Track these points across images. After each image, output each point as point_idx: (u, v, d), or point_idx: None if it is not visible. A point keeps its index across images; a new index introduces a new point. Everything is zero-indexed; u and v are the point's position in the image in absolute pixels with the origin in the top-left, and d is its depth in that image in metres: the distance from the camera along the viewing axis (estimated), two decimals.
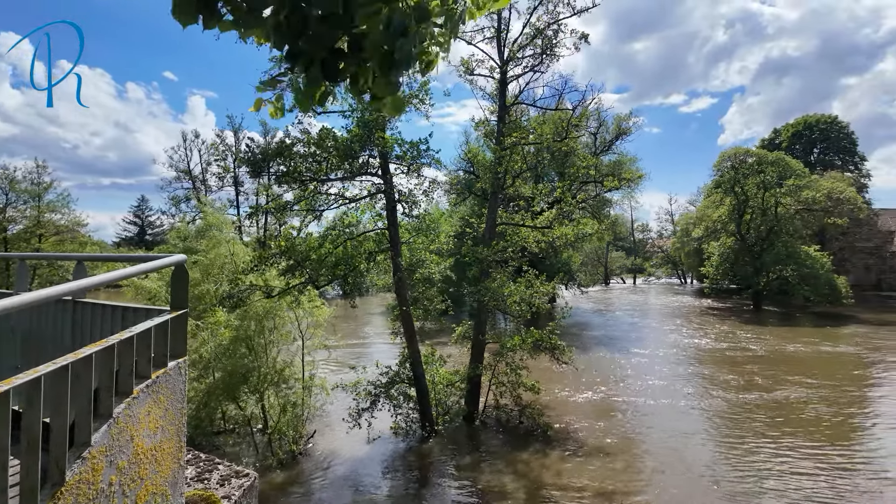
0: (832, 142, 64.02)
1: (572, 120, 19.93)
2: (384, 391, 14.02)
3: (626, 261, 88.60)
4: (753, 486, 10.69)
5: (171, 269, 3.64)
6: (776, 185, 42.30)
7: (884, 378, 19.20)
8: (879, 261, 55.68)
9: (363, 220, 14.28)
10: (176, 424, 3.38)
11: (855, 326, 31.98)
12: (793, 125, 67.01)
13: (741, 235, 44.54)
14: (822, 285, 38.49)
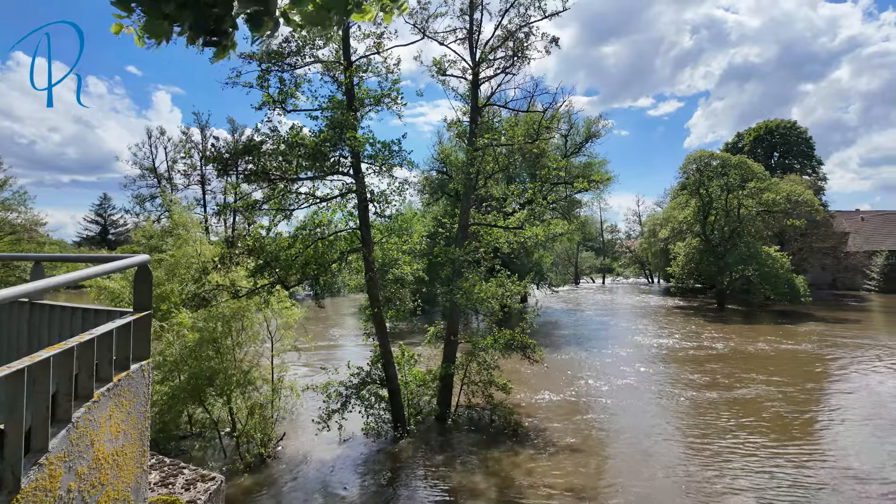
0: (791, 146, 66.62)
1: (543, 122, 20.20)
2: (355, 392, 13.93)
3: (596, 261, 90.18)
4: (718, 483, 10.98)
5: (134, 269, 3.55)
6: (739, 187, 43.75)
7: (840, 375, 20.04)
8: (835, 261, 58.18)
9: (335, 219, 14.14)
10: (139, 428, 3.30)
11: (812, 324, 33.32)
12: (754, 129, 69.49)
13: (706, 236, 45.89)
14: (781, 284, 40.01)
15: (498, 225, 16.96)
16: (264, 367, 14.16)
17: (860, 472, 11.24)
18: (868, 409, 15.57)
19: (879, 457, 11.99)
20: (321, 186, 13.76)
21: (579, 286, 79.47)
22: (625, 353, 25.08)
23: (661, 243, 55.72)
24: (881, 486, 10.67)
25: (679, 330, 32.18)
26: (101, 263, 3.36)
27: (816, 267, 57.40)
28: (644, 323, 36.39)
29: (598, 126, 40.98)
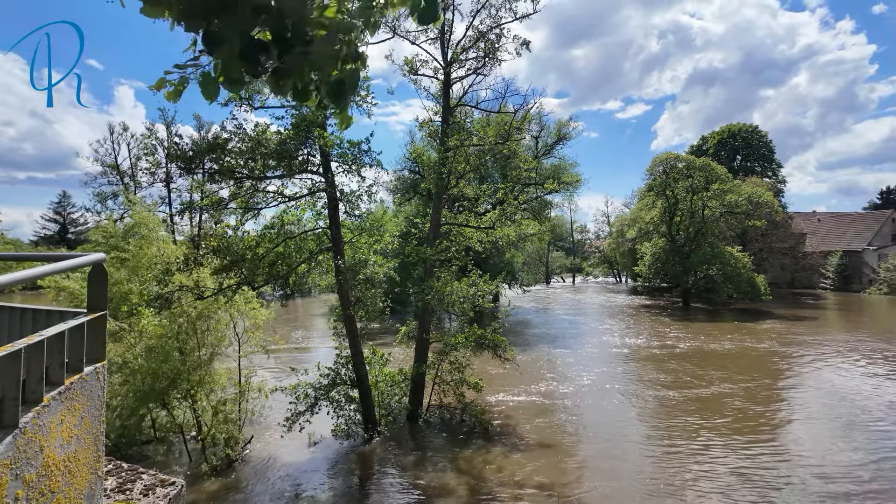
0: (753, 149, 68.96)
1: (514, 123, 20.37)
2: (325, 394, 13.77)
3: (566, 260, 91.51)
4: (683, 481, 11.22)
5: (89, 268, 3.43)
6: (703, 189, 45.07)
7: (799, 372, 20.80)
8: (793, 261, 60.55)
9: (304, 218, 13.94)
10: (93, 433, 3.18)
11: (772, 322, 34.55)
12: (718, 133, 71.67)
13: (671, 236, 47.10)
14: (743, 283, 41.42)
15: (470, 225, 17.02)
16: (231, 369, 13.87)
17: (824, 469, 11.51)
18: (828, 405, 16.09)
19: (843, 454, 12.31)
20: (290, 185, 13.55)
21: (550, 285, 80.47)
22: (593, 352, 25.52)
23: (628, 243, 56.94)
24: (846, 483, 10.97)
25: (645, 329, 32.91)
26: (53, 262, 3.23)
27: (776, 266, 59.64)
28: (612, 322, 37.08)
29: (568, 128, 41.69)
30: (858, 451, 12.47)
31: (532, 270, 62.39)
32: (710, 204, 44.95)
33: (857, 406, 15.86)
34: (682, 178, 46.05)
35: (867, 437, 13.33)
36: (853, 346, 25.28)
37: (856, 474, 11.26)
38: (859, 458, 12.10)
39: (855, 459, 12.02)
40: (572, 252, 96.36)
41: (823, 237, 62.34)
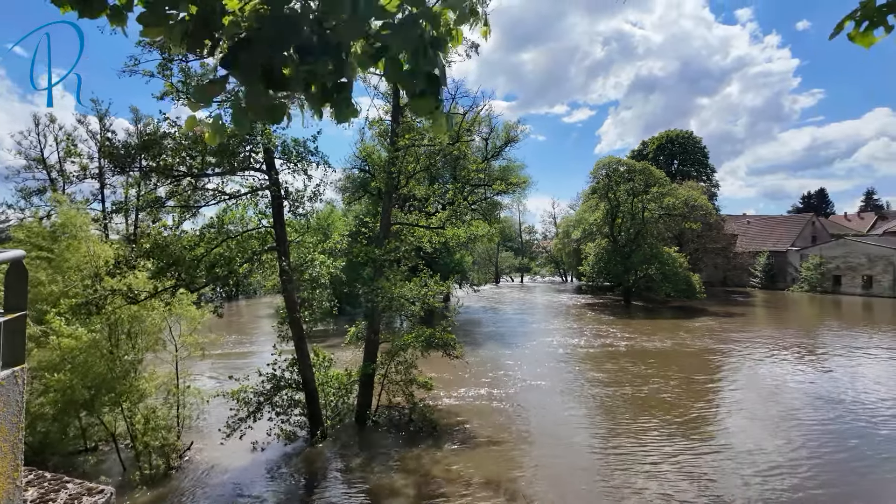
0: (689, 154, 72.74)
1: (463, 124, 20.57)
2: (269, 398, 13.41)
3: (515, 260, 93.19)
4: (625, 475, 11.54)
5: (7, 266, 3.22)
6: (643, 192, 47.11)
7: (733, 368, 21.99)
8: (725, 260, 64.37)
9: (246, 217, 13.50)
10: (10, 441, 2.99)
11: (707, 319, 36.52)
12: (657, 138, 75.09)
13: (613, 237, 48.94)
14: (680, 282, 43.62)
15: (420, 224, 17.05)
16: (167, 374, 13.26)
17: (762, 464, 11.88)
18: (761, 400, 16.86)
19: (776, 446, 12.88)
20: (231, 183, 13.11)
21: (499, 285, 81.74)
22: (540, 351, 26.14)
23: (573, 244, 58.74)
24: (782, 474, 11.53)
25: (589, 327, 34.00)
26: None
27: (710, 266, 63.17)
28: (558, 321, 38.11)
29: (516, 131, 42.46)
30: (790, 443, 13.08)
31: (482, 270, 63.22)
32: (649, 206, 47.08)
33: (785, 400, 16.73)
34: (624, 182, 47.96)
35: (798, 430, 13.96)
36: (780, 341, 27.10)
37: (789, 466, 11.76)
38: (791, 449, 12.67)
39: (787, 451, 12.57)
40: (521, 252, 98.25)
41: (752, 238, 66.56)
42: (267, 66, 1.96)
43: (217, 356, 23.14)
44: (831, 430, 13.98)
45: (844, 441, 13.18)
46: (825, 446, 12.89)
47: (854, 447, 12.78)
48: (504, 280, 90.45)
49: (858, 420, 14.68)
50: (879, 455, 12.28)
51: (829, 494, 10.48)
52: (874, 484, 10.98)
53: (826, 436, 13.58)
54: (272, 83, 2.01)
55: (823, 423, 14.47)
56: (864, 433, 13.69)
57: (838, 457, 12.26)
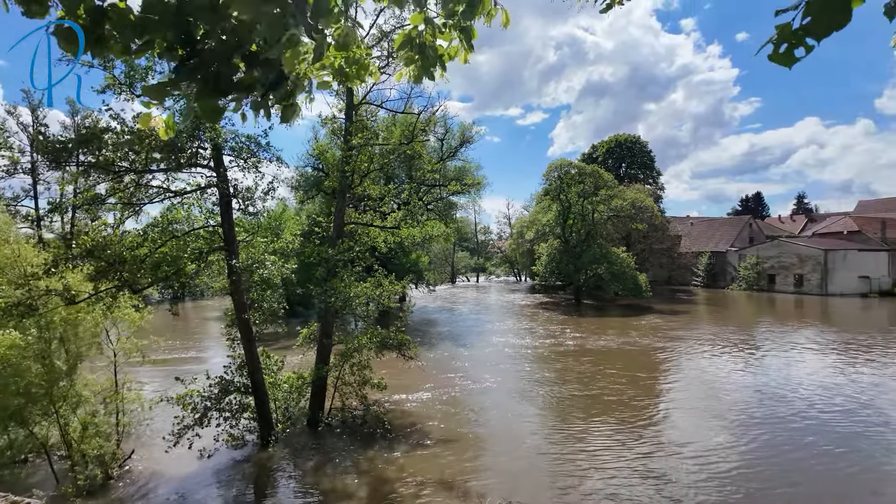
0: (636, 158, 75.53)
1: (418, 124, 20.58)
2: (217, 403, 12.98)
3: (471, 260, 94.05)
4: (578, 474, 11.75)
5: None
6: (593, 194, 48.58)
7: (676, 365, 22.92)
8: (670, 260, 67.35)
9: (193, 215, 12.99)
10: None
11: (653, 316, 38.01)
12: (607, 142, 77.54)
13: (565, 238, 50.22)
14: (628, 281, 45.26)
15: (375, 224, 16.93)
16: (107, 380, 12.62)
17: (703, 455, 12.25)
18: (707, 397, 17.43)
19: (718, 441, 13.33)
20: (177, 180, 12.58)
21: (456, 285, 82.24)
22: (494, 350, 26.50)
23: (527, 244, 59.81)
24: (723, 468, 12.08)
25: (542, 326, 34.75)
26: None
27: (656, 265, 65.91)
28: (511, 320, 38.75)
29: (472, 132, 42.84)
30: (731, 437, 13.55)
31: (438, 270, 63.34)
32: (598, 208, 48.61)
33: (731, 396, 17.39)
34: (575, 184, 49.28)
35: (745, 426, 14.41)
36: (722, 338, 28.49)
37: (731, 459, 12.13)
38: (732, 443, 13.10)
39: (729, 446, 12.97)
40: (476, 252, 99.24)
41: (695, 239, 69.81)
42: (215, 72, 2.13)
43: (161, 361, 22.21)
44: (778, 425, 14.48)
45: (790, 434, 13.77)
46: (778, 442, 13.20)
47: (803, 442, 13.21)
48: (460, 280, 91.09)
49: (801, 414, 15.32)
50: (836, 450, 12.71)
51: (783, 492, 10.79)
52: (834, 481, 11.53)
53: (774, 430, 14.03)
54: (220, 88, 2.16)
55: (769, 418, 15.00)
56: (811, 428, 14.24)
57: (793, 453, 12.60)
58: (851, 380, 19.00)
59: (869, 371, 20.30)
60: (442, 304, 50.05)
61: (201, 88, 2.13)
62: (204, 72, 2.10)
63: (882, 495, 10.42)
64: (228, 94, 2.20)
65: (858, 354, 23.47)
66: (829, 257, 52.03)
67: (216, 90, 2.15)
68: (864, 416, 14.97)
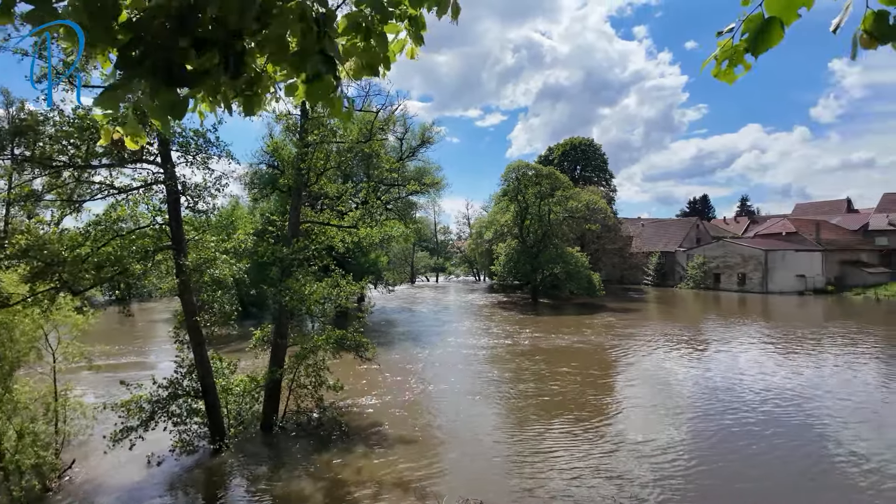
0: (590, 161, 77.63)
1: (376, 123, 20.45)
2: (163, 407, 12.48)
3: (430, 260, 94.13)
4: (537, 472, 11.84)
5: None
6: (549, 195, 49.57)
7: (629, 362, 23.66)
8: (622, 260, 69.53)
9: (139, 213, 12.43)
10: None
11: (606, 314, 39.11)
12: (562, 145, 79.30)
13: (522, 238, 51.02)
14: (582, 280, 46.43)
15: (331, 223, 16.67)
16: (46, 387, 11.93)
17: (665, 458, 12.31)
18: (659, 393, 17.93)
19: (672, 437, 13.66)
20: (121, 176, 12.02)
21: (415, 284, 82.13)
22: (453, 350, 26.62)
23: (486, 244, 60.37)
24: (678, 463, 12.56)
25: (500, 325, 35.16)
26: None
27: (608, 265, 67.88)
28: (470, 320, 39.05)
29: (431, 132, 42.96)
30: (687, 433, 13.88)
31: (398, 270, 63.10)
32: (554, 209, 49.66)
33: (679, 390, 18.07)
34: (532, 185, 50.17)
35: (693, 419, 14.99)
36: (671, 335, 29.61)
37: (688, 456, 12.40)
38: (688, 440, 13.43)
39: (685, 442, 13.27)
40: (436, 252, 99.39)
41: (646, 240, 72.30)
42: (165, 62, 1.93)
43: (105, 367, 21.14)
44: (730, 418, 15.00)
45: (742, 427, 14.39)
46: (732, 436, 13.61)
47: (756, 434, 13.67)
48: (420, 280, 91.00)
49: (751, 407, 15.98)
50: (791, 443, 13.28)
51: (742, 487, 11.21)
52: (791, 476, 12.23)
53: (727, 424, 14.49)
54: (173, 80, 1.98)
55: (722, 412, 15.48)
56: (761, 421, 14.79)
57: (749, 447, 13.03)
58: (794, 372, 20.19)
59: (808, 364, 21.64)
60: (401, 304, 49.87)
61: (154, 83, 1.95)
62: (152, 61, 1.92)
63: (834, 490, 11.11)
64: (184, 85, 2.01)
65: (799, 348, 24.97)
66: (769, 257, 54.97)
67: (171, 82, 1.97)
68: (808, 408, 15.79)
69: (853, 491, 10.54)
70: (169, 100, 2.00)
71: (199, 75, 2.01)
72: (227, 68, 2.04)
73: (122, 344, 28.41)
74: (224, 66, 2.03)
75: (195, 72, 2.00)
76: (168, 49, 1.92)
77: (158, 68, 1.93)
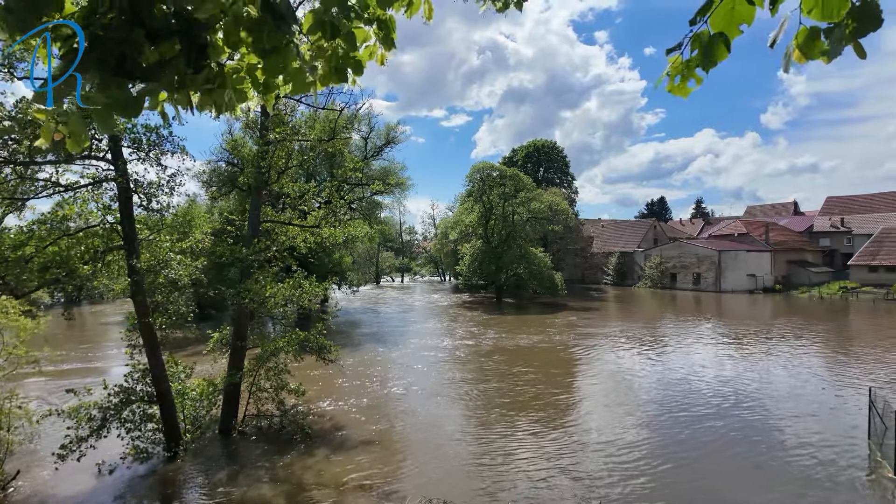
0: (553, 163, 79.02)
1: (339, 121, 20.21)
2: (116, 414, 11.99)
3: (396, 261, 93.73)
4: (499, 472, 12.02)
5: None
6: (513, 196, 50.17)
7: (589, 360, 24.22)
8: (583, 260, 71.09)
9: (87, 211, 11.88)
10: None
11: (568, 313, 39.87)
12: (526, 146, 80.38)
13: (487, 238, 51.43)
14: (545, 280, 47.23)
15: (293, 223, 16.37)
16: None
17: (627, 458, 12.44)
18: (620, 391, 18.30)
19: (646, 441, 13.86)
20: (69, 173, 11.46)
21: (380, 285, 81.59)
22: (418, 351, 26.58)
23: (451, 244, 60.52)
24: (636, 458, 12.95)
25: (464, 326, 35.34)
26: None
27: (570, 265, 69.26)
28: (435, 320, 39.09)
29: (396, 132, 42.65)
30: (649, 431, 14.17)
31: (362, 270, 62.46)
32: (518, 210, 50.33)
33: (639, 388, 18.51)
34: (496, 186, 50.68)
35: (654, 416, 15.40)
36: (630, 333, 30.46)
37: (647, 452, 12.65)
38: (650, 437, 13.72)
39: (648, 440, 13.53)
40: (402, 252, 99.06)
41: (606, 240, 74.07)
42: (116, 53, 1.76)
43: (54, 373, 20.18)
44: (687, 413, 15.51)
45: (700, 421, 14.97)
46: (691, 432, 14.02)
47: (713, 429, 14.21)
48: (385, 280, 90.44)
49: (707, 401, 16.61)
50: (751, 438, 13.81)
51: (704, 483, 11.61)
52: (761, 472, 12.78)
53: (685, 420, 14.94)
54: (124, 72, 1.81)
55: (680, 409, 15.95)
56: (718, 414, 15.47)
57: (709, 445, 13.44)
58: (746, 366, 21.18)
59: (759, 359, 22.69)
60: (365, 305, 49.46)
61: (103, 77, 1.77)
62: (101, 53, 1.74)
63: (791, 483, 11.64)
64: (138, 79, 1.84)
65: (749, 344, 26.16)
66: (722, 257, 57.22)
67: (123, 77, 1.80)
68: (762, 402, 16.52)
69: (808, 481, 11.06)
70: (121, 97, 1.83)
71: (157, 68, 1.84)
72: (189, 61, 1.89)
73: (71, 349, 27.14)
74: (186, 58, 1.88)
75: (152, 65, 1.83)
76: (119, 40, 1.74)
77: (106, 60, 1.75)
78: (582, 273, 72.04)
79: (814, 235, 66.91)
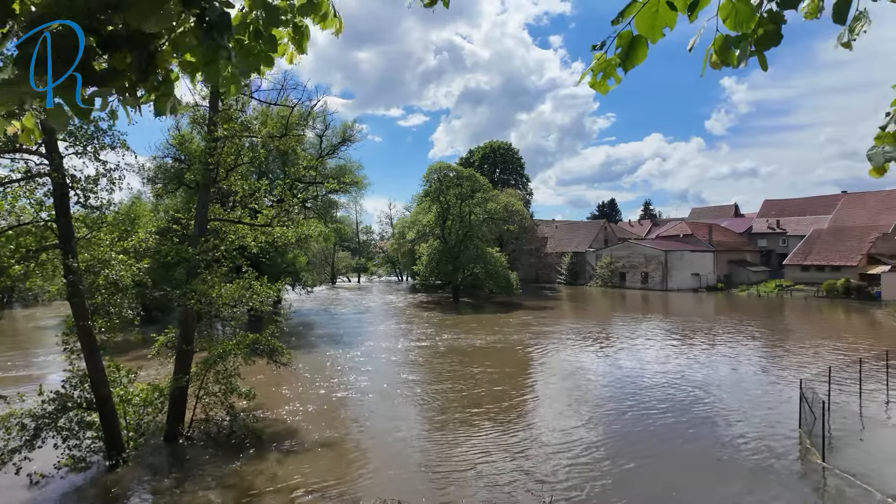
0: (508, 164, 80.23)
1: (292, 118, 19.81)
2: (51, 422, 11.33)
3: (352, 261, 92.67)
4: (456, 473, 11.91)
5: None
6: (469, 197, 50.61)
7: (542, 358, 24.72)
8: (538, 260, 72.57)
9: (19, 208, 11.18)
10: None
11: (522, 313, 40.53)
12: (482, 148, 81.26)
13: (444, 239, 51.65)
14: (501, 280, 47.88)
15: (243, 222, 15.92)
16: None
17: (586, 458, 12.53)
18: (576, 388, 18.59)
19: (579, 428, 14.49)
20: None
21: (336, 285, 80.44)
22: (373, 352, 26.40)
23: (408, 244, 60.42)
24: (581, 452, 13.33)
25: (420, 327, 35.32)
26: None
27: (525, 265, 70.52)
28: (392, 321, 38.94)
29: (353, 130, 42.17)
30: (606, 429, 14.36)
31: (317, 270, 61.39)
32: (475, 210, 50.82)
33: (594, 386, 18.92)
34: (454, 186, 51.01)
35: (606, 414, 15.71)
36: (583, 331, 31.31)
37: (604, 451, 12.82)
38: (608, 435, 13.90)
39: (604, 438, 13.71)
40: (358, 252, 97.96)
41: (560, 241, 75.85)
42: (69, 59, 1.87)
43: None
44: (641, 410, 15.89)
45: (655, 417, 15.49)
46: (646, 428, 14.45)
47: (668, 424, 14.64)
48: (341, 280, 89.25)
49: (659, 397, 17.19)
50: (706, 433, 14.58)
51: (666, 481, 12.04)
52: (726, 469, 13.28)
53: (640, 416, 15.35)
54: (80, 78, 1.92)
55: (635, 406, 16.32)
56: (670, 409, 16.01)
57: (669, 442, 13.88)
58: (692, 361, 22.25)
59: (703, 353, 23.90)
60: (320, 306, 48.67)
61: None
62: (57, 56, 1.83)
63: (737, 473, 12.23)
64: (92, 83, 1.96)
65: (695, 339, 27.48)
66: (668, 257, 59.65)
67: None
68: (707, 394, 17.32)
69: (754, 468, 11.67)
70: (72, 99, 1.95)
71: (109, 74, 1.99)
72: (140, 68, 2.03)
73: (2, 353, 25.41)
74: (137, 67, 2.02)
75: (105, 70, 1.98)
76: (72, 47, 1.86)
77: None
78: (536, 273, 73.51)
79: (752, 236, 70.77)
